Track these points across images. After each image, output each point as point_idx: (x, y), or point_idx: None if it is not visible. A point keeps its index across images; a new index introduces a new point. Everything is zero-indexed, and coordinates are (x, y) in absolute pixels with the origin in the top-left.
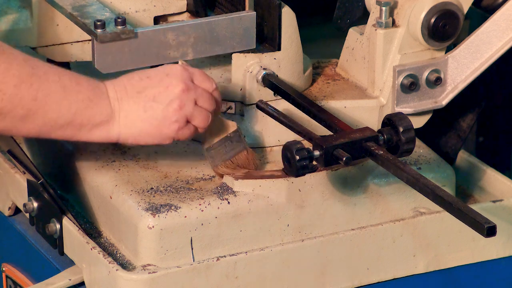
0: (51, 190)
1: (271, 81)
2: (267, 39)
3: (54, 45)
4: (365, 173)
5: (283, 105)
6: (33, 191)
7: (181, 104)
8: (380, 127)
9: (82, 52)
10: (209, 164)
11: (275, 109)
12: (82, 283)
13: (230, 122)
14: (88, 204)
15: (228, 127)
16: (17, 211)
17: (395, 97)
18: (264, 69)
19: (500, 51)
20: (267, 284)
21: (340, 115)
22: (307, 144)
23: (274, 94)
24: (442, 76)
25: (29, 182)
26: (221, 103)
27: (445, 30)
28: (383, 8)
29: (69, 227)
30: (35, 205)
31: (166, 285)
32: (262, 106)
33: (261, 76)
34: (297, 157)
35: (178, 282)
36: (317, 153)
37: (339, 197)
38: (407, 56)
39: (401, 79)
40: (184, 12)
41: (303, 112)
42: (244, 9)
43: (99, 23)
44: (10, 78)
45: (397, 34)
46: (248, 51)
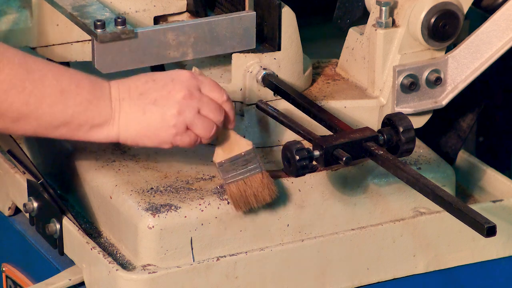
0: (51, 190)
1: (271, 81)
2: (267, 39)
3: (54, 45)
4: (365, 173)
5: (283, 105)
6: (33, 191)
7: (180, 110)
8: (380, 127)
9: (82, 52)
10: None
11: (275, 109)
12: (82, 283)
13: (246, 141)
14: (88, 204)
15: (243, 145)
16: (17, 211)
17: (395, 97)
18: (264, 69)
19: (500, 51)
20: (267, 284)
21: (340, 115)
22: (307, 144)
23: (274, 94)
24: (442, 76)
25: (29, 182)
26: (234, 116)
27: (445, 30)
28: (383, 8)
29: (69, 227)
30: (35, 205)
31: (166, 285)
32: (262, 106)
33: (261, 76)
34: (297, 157)
35: (178, 282)
36: (317, 153)
37: (339, 197)
38: (407, 56)
39: (401, 79)
40: (184, 12)
41: (303, 112)
42: (244, 9)
43: (99, 23)
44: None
45: (397, 34)
46: (248, 51)
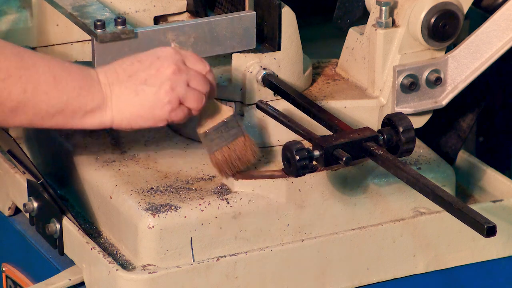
0: (51, 190)
1: (271, 81)
2: (267, 39)
3: (54, 45)
4: (365, 173)
5: (283, 105)
6: (33, 191)
7: (172, 85)
8: (380, 127)
9: (82, 52)
10: (205, 150)
11: (275, 109)
12: (82, 283)
13: (226, 107)
14: (88, 204)
15: (224, 111)
16: (17, 211)
17: (395, 97)
18: (264, 69)
19: (500, 51)
20: (267, 284)
21: (340, 115)
22: (307, 144)
23: (274, 94)
24: (442, 76)
25: (29, 182)
26: (215, 86)
27: (445, 30)
28: (383, 8)
29: (69, 227)
30: (35, 205)
31: (166, 285)
32: (262, 106)
33: (261, 76)
34: (297, 157)
35: (178, 282)
36: (317, 153)
37: (339, 197)
38: (407, 56)
39: (401, 79)
40: (184, 12)
41: (303, 112)
42: (244, 9)
43: (99, 23)
44: None
45: (397, 34)
46: (248, 51)
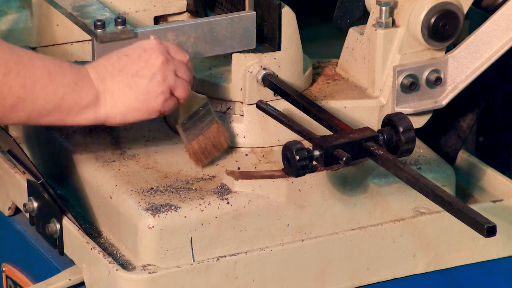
0: (51, 190)
1: (271, 81)
2: (267, 39)
3: (54, 45)
4: (365, 173)
5: (283, 105)
6: (33, 191)
7: (163, 76)
8: (380, 127)
9: (82, 52)
10: (183, 142)
11: (275, 109)
12: (82, 283)
13: (200, 96)
14: (88, 204)
15: (199, 100)
16: (17, 211)
17: (395, 97)
18: (264, 69)
19: (500, 51)
20: (267, 284)
21: (340, 115)
22: (307, 144)
23: (274, 94)
24: (442, 76)
25: (29, 182)
26: (193, 75)
27: (445, 30)
28: (383, 8)
29: (69, 227)
30: (35, 205)
31: (166, 285)
32: (262, 106)
33: (261, 76)
34: (297, 157)
35: (178, 282)
36: (317, 153)
37: (339, 197)
38: (407, 56)
39: (401, 79)
40: (184, 12)
41: (303, 112)
42: (244, 9)
43: (99, 23)
44: None
45: (397, 34)
46: (248, 51)
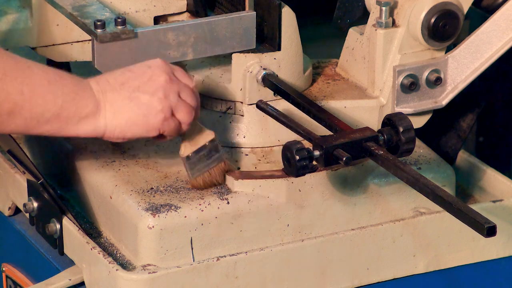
0: (51, 190)
1: (271, 81)
2: (267, 39)
3: (54, 45)
4: (365, 173)
5: (283, 105)
6: (33, 191)
7: (165, 93)
8: (380, 127)
9: (82, 52)
10: (186, 174)
11: (275, 109)
12: (82, 283)
13: (208, 131)
14: (88, 204)
15: (207, 135)
16: (17, 211)
17: (395, 97)
18: (264, 69)
19: (500, 51)
20: (267, 284)
21: (340, 115)
22: (307, 144)
23: (274, 94)
24: (442, 76)
25: (29, 182)
26: (199, 104)
27: (445, 30)
28: (383, 8)
29: (69, 227)
30: (35, 205)
31: (166, 285)
32: (262, 106)
33: (261, 76)
34: (297, 157)
35: (178, 282)
36: (317, 153)
37: (339, 197)
38: (407, 56)
39: (401, 79)
40: (184, 12)
41: (303, 112)
42: (244, 9)
43: (99, 23)
44: None
45: (397, 34)
46: (248, 51)
